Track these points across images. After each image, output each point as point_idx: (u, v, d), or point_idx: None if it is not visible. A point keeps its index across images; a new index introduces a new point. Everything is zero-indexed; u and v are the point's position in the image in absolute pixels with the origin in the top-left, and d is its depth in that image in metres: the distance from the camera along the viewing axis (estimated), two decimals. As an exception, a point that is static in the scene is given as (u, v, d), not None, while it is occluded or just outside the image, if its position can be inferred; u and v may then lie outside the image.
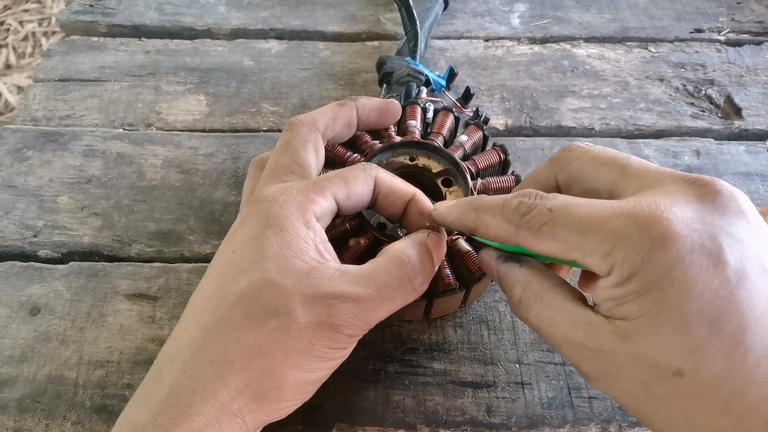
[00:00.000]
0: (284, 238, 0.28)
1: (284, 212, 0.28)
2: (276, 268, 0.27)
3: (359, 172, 0.31)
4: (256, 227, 0.29)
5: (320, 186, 0.30)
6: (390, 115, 0.39)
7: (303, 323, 0.26)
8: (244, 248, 0.28)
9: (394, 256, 0.29)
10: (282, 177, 0.32)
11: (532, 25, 0.59)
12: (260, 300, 0.27)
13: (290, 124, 0.34)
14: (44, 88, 0.53)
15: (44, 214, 0.44)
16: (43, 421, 0.35)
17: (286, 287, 0.27)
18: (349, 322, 0.27)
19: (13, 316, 0.39)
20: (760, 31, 0.58)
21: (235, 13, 0.59)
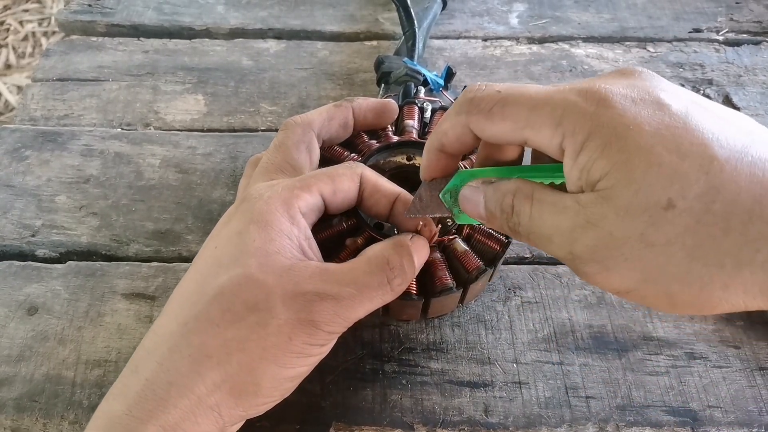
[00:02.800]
0: (267, 234, 0.28)
1: (269, 208, 0.28)
2: (257, 263, 0.27)
3: (345, 170, 0.31)
4: (240, 223, 0.29)
5: (306, 183, 0.30)
6: (387, 115, 0.39)
7: (282, 319, 0.27)
8: (227, 243, 0.29)
9: (374, 257, 0.30)
10: (271, 175, 0.32)
11: (530, 24, 0.59)
12: (240, 295, 0.27)
13: (285, 125, 0.34)
14: (43, 87, 0.53)
15: (42, 214, 0.44)
16: (41, 421, 0.35)
17: (267, 283, 0.27)
18: (329, 319, 0.27)
19: (11, 316, 0.39)
20: (759, 31, 0.58)
21: (234, 12, 0.59)
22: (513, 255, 0.42)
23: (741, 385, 0.36)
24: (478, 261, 0.35)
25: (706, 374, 0.37)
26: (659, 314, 0.39)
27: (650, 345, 0.38)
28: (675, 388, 0.36)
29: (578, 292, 0.40)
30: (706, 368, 0.37)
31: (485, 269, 0.35)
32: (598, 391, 0.36)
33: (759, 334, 0.39)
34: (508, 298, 0.40)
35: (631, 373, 0.37)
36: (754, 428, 0.35)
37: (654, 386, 0.36)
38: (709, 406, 0.36)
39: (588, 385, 0.36)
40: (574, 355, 0.38)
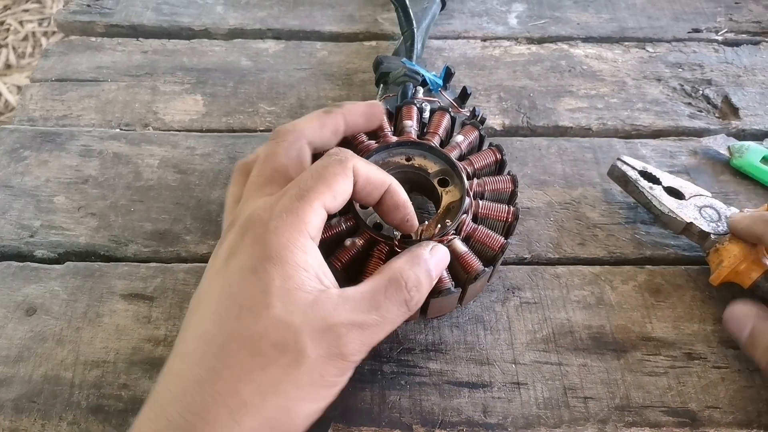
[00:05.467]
0: (285, 271, 0.27)
1: (280, 241, 0.27)
2: (281, 304, 0.26)
3: (338, 168, 0.29)
4: (252, 259, 0.27)
5: (308, 200, 0.28)
6: (375, 117, 0.38)
7: (314, 357, 0.26)
8: (244, 282, 0.27)
9: (393, 279, 0.29)
10: (266, 190, 0.31)
11: (529, 25, 0.59)
12: (269, 338, 0.26)
13: (276, 133, 0.33)
14: (41, 88, 0.53)
15: (41, 214, 0.44)
16: (39, 422, 0.35)
17: (294, 323, 0.26)
18: (356, 348, 0.27)
19: (10, 316, 0.39)
20: (758, 31, 0.58)
21: (233, 13, 0.59)
22: (512, 255, 0.42)
23: (740, 385, 0.36)
24: (477, 261, 0.35)
25: (704, 375, 0.37)
26: (658, 315, 0.39)
27: (649, 345, 0.38)
28: (674, 389, 0.36)
29: (577, 292, 0.40)
30: (704, 369, 0.37)
31: (484, 270, 0.35)
32: (596, 391, 0.36)
33: (758, 334, 0.39)
34: (506, 298, 0.40)
35: (630, 374, 0.37)
36: (753, 429, 0.35)
37: (653, 387, 0.36)
38: (708, 406, 0.36)
39: (587, 385, 0.36)
40: (572, 355, 0.38)
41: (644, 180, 0.42)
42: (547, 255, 0.42)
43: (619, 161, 0.43)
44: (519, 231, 0.43)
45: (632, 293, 0.40)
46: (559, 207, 0.45)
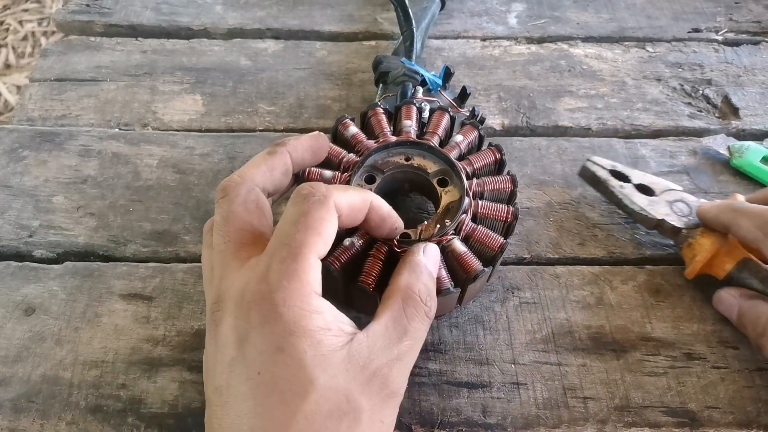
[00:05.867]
0: (312, 339, 0.26)
1: (294, 312, 0.26)
2: (322, 373, 0.25)
3: (321, 211, 0.28)
4: (273, 339, 0.26)
5: (303, 257, 0.27)
6: (322, 150, 0.36)
7: (370, 407, 0.26)
8: (274, 366, 0.25)
9: (407, 298, 0.29)
10: (240, 255, 0.29)
11: (529, 24, 0.59)
12: (323, 411, 0.25)
13: (224, 189, 0.31)
14: (40, 87, 0.53)
15: (40, 214, 0.44)
16: (38, 421, 0.35)
17: (341, 385, 0.26)
18: (402, 381, 0.28)
19: (8, 316, 0.39)
20: (758, 31, 0.58)
21: (232, 12, 0.59)
22: (511, 255, 0.42)
23: (739, 385, 0.36)
24: (477, 262, 0.35)
25: (704, 375, 0.37)
26: (658, 315, 0.39)
27: (648, 346, 0.38)
28: (673, 389, 0.36)
29: (576, 292, 0.40)
30: (704, 369, 0.37)
31: (483, 270, 0.35)
32: (596, 391, 0.36)
33: (757, 334, 0.39)
34: (506, 298, 0.40)
35: (630, 374, 0.37)
36: (752, 429, 0.35)
37: (652, 387, 0.36)
38: (708, 406, 0.36)
39: (586, 385, 0.36)
40: (572, 355, 0.38)
41: (614, 179, 0.42)
42: (547, 255, 0.42)
43: (588, 162, 0.43)
44: (518, 231, 0.43)
45: (632, 293, 0.40)
46: (559, 207, 0.45)
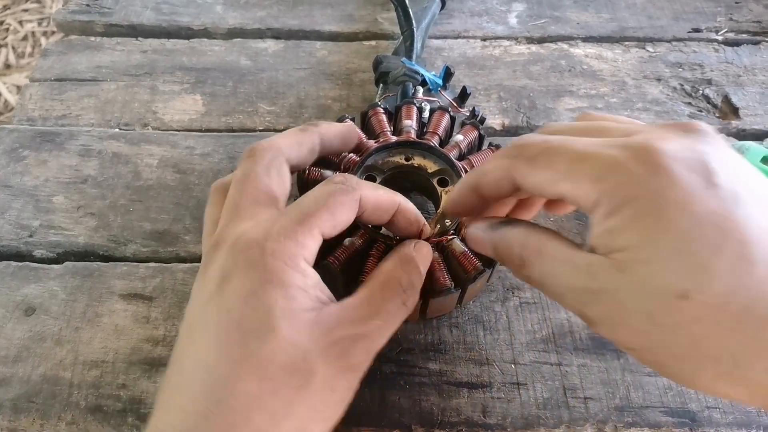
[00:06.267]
0: (287, 292, 0.26)
1: (278, 264, 0.26)
2: (287, 325, 0.26)
3: (344, 198, 0.29)
4: (251, 282, 0.26)
5: (307, 226, 0.27)
6: (351, 140, 0.37)
7: (324, 373, 0.26)
8: (244, 307, 0.26)
9: (387, 281, 0.29)
10: (249, 210, 0.29)
11: (529, 24, 0.59)
12: (277, 361, 0.25)
13: (251, 151, 0.32)
14: (41, 87, 0.53)
15: (40, 214, 0.44)
16: (38, 422, 0.35)
17: (302, 342, 0.26)
18: (364, 358, 0.27)
19: (8, 316, 0.39)
20: (758, 31, 0.58)
21: (232, 12, 0.59)
22: (511, 255, 0.42)
23: (740, 385, 0.36)
24: (477, 261, 0.35)
25: (704, 375, 0.37)
26: (658, 315, 0.39)
27: (649, 346, 0.38)
28: (673, 389, 0.36)
29: (577, 292, 0.40)
30: (704, 369, 0.37)
31: (484, 270, 0.35)
32: (596, 391, 0.36)
33: (758, 334, 0.38)
34: (506, 298, 0.40)
35: (630, 374, 0.37)
36: (752, 429, 0.35)
37: (652, 387, 0.36)
38: (708, 406, 0.36)
39: (586, 385, 0.36)
40: (572, 355, 0.38)
41: None
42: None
43: None
44: (519, 231, 0.43)
45: (632, 293, 0.40)
46: (559, 207, 0.45)
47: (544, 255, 0.26)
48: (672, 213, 0.22)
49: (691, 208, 0.22)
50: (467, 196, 0.30)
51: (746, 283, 0.21)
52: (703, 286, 0.21)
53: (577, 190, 0.25)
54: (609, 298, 0.23)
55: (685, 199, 0.22)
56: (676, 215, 0.22)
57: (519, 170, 0.27)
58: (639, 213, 0.22)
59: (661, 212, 0.22)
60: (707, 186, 0.22)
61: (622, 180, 0.23)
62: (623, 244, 0.23)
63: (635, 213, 0.22)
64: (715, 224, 0.21)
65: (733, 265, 0.21)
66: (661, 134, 0.25)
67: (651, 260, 0.22)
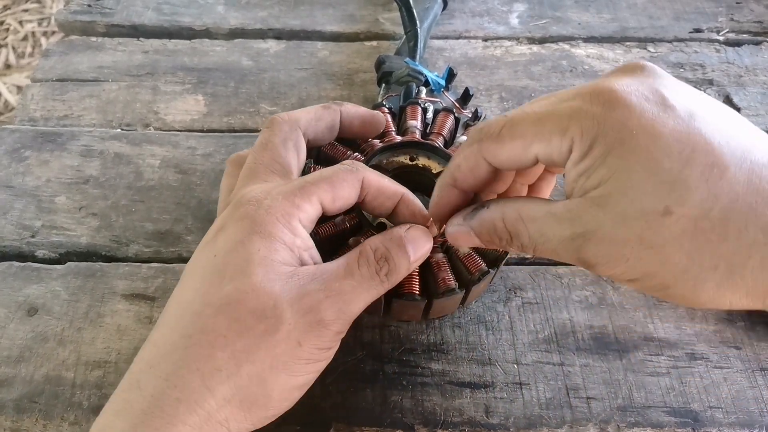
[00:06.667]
0: (271, 244, 0.27)
1: (270, 218, 0.28)
2: (263, 272, 0.27)
3: (347, 175, 0.30)
4: (240, 232, 0.28)
5: (306, 191, 0.29)
6: (373, 127, 0.38)
7: (291, 324, 0.26)
8: (228, 253, 0.28)
9: (364, 251, 0.30)
10: (262, 176, 0.31)
11: (531, 25, 0.59)
12: (247, 304, 0.26)
13: (271, 121, 0.33)
14: (42, 88, 0.53)
15: (42, 215, 0.44)
16: (41, 422, 0.35)
17: (274, 291, 0.26)
18: (335, 316, 0.27)
19: (11, 317, 0.39)
20: (759, 31, 0.58)
21: (234, 13, 0.59)
22: (514, 255, 0.42)
23: (742, 385, 0.36)
24: (481, 262, 0.35)
25: (707, 375, 0.37)
26: (660, 315, 0.39)
27: (651, 346, 0.38)
28: (676, 389, 0.36)
29: (579, 292, 0.40)
30: (707, 369, 0.37)
31: (488, 271, 0.35)
32: (599, 391, 0.36)
33: (760, 334, 0.39)
34: (508, 298, 0.40)
35: (632, 374, 0.37)
36: (755, 429, 0.35)
37: (655, 387, 0.36)
38: (710, 406, 0.36)
39: (589, 385, 0.36)
40: (574, 355, 0.38)
41: None
42: (549, 255, 0.42)
43: None
44: (521, 231, 0.43)
45: (634, 293, 0.40)
46: (561, 207, 0.45)
47: (525, 219, 0.27)
48: (637, 139, 0.23)
49: (653, 131, 0.22)
50: (449, 195, 0.31)
51: (722, 188, 0.22)
52: (682, 199, 0.22)
53: (549, 148, 0.25)
54: (598, 235, 0.24)
55: (646, 124, 0.23)
56: (641, 140, 0.23)
57: (488, 150, 0.27)
58: (606, 149, 0.23)
59: (626, 142, 0.23)
60: (664, 109, 0.23)
61: (585, 124, 0.24)
62: (596, 181, 0.23)
63: (603, 150, 0.23)
64: (680, 140, 0.22)
65: (705, 174, 0.22)
66: (608, 77, 0.25)
67: (627, 187, 0.23)
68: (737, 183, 0.22)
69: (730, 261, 0.22)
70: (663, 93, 0.24)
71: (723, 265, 0.22)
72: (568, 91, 0.26)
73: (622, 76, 0.25)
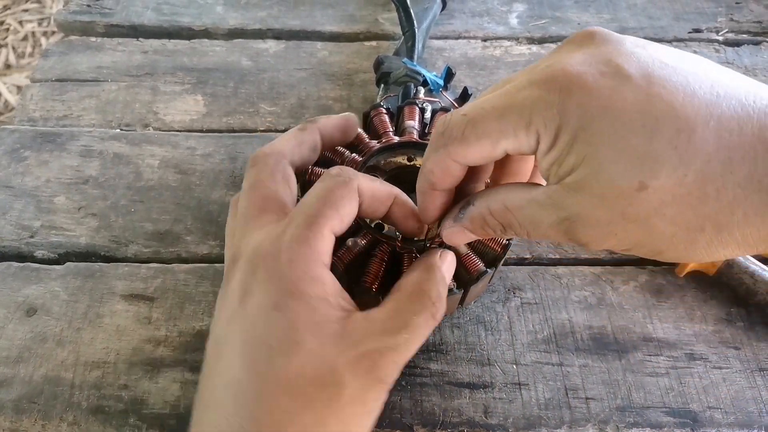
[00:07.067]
0: (309, 304, 0.26)
1: (295, 273, 0.26)
2: (312, 338, 0.26)
3: (343, 190, 0.29)
4: (271, 296, 0.26)
5: (316, 227, 0.27)
6: (351, 130, 0.37)
7: (353, 386, 0.26)
8: (268, 323, 0.26)
9: (416, 294, 0.29)
10: (259, 220, 0.30)
11: (530, 25, 0.59)
12: (305, 376, 0.25)
13: (254, 159, 0.32)
14: (42, 88, 0.53)
15: (41, 215, 0.44)
16: (40, 422, 0.35)
17: (329, 356, 0.26)
18: (392, 370, 0.27)
19: (10, 317, 0.39)
20: (759, 31, 0.58)
21: (233, 13, 0.59)
22: (513, 256, 0.42)
23: (741, 386, 0.36)
24: (479, 263, 0.35)
25: (706, 375, 0.37)
26: (659, 315, 0.39)
27: (650, 346, 0.38)
28: (675, 389, 0.36)
29: (578, 293, 0.40)
30: (706, 369, 0.37)
31: (486, 271, 0.35)
32: (598, 392, 0.36)
33: (759, 335, 0.39)
34: (507, 299, 0.40)
35: (631, 374, 0.37)
36: (754, 429, 0.35)
37: (654, 387, 0.36)
38: (709, 407, 0.36)
39: (588, 386, 0.36)
40: (573, 356, 0.38)
41: None
42: (548, 255, 0.42)
43: None
44: (520, 231, 0.43)
45: (633, 293, 0.40)
46: (560, 207, 0.45)
47: (512, 209, 0.27)
48: (600, 121, 0.22)
49: (614, 108, 0.22)
50: (431, 199, 0.30)
51: (692, 151, 0.21)
52: (653, 172, 0.22)
53: (516, 142, 0.25)
54: (581, 218, 0.24)
55: (606, 103, 0.22)
56: (604, 121, 0.22)
57: (456, 154, 0.27)
58: (571, 137, 0.23)
59: (589, 126, 0.23)
60: (621, 81, 0.23)
61: (546, 115, 0.23)
62: (568, 168, 0.24)
63: (568, 138, 0.23)
64: (642, 111, 0.22)
65: (673, 141, 0.22)
66: (560, 55, 0.25)
67: (598, 171, 0.23)
68: (706, 143, 0.22)
69: (715, 220, 0.22)
70: (617, 62, 0.23)
71: (709, 225, 0.22)
72: (520, 77, 0.25)
73: (574, 52, 0.25)
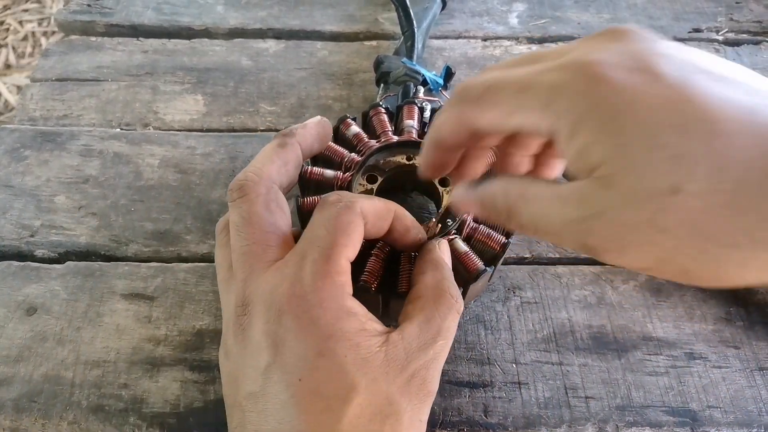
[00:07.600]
0: (351, 342, 0.26)
1: (330, 314, 0.26)
2: (364, 377, 0.26)
3: (350, 216, 0.28)
4: (311, 344, 0.26)
5: (335, 259, 0.27)
6: (327, 136, 0.36)
7: (410, 409, 0.26)
8: (315, 371, 0.25)
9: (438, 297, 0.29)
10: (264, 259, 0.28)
11: (530, 24, 0.59)
12: (367, 414, 0.25)
13: (243, 188, 0.30)
14: (42, 87, 0.53)
15: (41, 214, 0.44)
16: (40, 421, 0.35)
17: (382, 388, 0.26)
18: (438, 378, 0.28)
19: (10, 316, 0.39)
20: (759, 31, 0.58)
21: (233, 12, 0.59)
22: (513, 255, 0.42)
23: (740, 385, 0.36)
24: (479, 261, 0.35)
25: (705, 374, 0.37)
26: (659, 315, 0.39)
27: (650, 345, 0.38)
28: (674, 389, 0.36)
29: (578, 292, 0.40)
30: (705, 368, 0.37)
31: (485, 269, 0.35)
32: (597, 391, 0.36)
33: (759, 334, 0.39)
34: (507, 298, 0.40)
35: (631, 374, 0.37)
36: (753, 428, 0.35)
37: (653, 386, 0.36)
38: (709, 406, 0.36)
39: (587, 385, 0.36)
40: (573, 355, 0.38)
41: None
42: (548, 254, 0.42)
43: None
44: (520, 231, 0.43)
45: (633, 293, 0.40)
46: (560, 207, 0.45)
47: (529, 198, 0.25)
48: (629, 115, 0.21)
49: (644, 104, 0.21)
50: (433, 154, 0.30)
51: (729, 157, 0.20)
52: (689, 175, 0.20)
53: (530, 119, 0.24)
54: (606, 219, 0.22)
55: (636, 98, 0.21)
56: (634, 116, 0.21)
57: (469, 114, 0.26)
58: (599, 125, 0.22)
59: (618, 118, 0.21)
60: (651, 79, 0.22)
61: (570, 100, 0.22)
62: (598, 159, 0.22)
63: (595, 126, 0.22)
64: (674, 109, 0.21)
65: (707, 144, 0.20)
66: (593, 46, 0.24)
67: (630, 166, 0.21)
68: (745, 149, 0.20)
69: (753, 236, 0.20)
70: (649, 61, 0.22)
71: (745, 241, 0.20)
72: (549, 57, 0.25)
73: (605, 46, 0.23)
